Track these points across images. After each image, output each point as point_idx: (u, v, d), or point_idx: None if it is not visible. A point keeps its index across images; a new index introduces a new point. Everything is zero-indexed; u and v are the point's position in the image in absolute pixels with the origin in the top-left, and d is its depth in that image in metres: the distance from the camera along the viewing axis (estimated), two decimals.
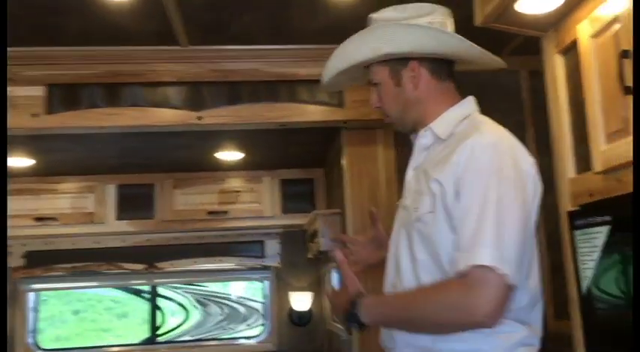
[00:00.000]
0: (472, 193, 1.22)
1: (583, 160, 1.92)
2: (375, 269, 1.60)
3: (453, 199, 1.24)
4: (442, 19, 1.45)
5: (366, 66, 1.46)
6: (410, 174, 1.45)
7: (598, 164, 1.76)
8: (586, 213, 1.83)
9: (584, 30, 1.81)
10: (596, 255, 1.78)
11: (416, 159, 1.45)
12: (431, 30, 1.39)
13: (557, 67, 2.03)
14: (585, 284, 1.84)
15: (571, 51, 1.95)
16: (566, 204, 1.99)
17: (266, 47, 2.75)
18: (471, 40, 1.41)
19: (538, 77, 3.24)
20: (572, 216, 1.91)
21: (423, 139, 1.43)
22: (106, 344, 4.83)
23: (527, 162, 1.32)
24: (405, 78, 1.42)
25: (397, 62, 1.42)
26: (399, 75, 1.43)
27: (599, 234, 1.76)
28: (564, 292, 2.94)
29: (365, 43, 1.41)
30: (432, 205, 1.28)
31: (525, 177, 1.29)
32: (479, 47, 1.43)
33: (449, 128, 1.38)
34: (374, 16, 1.46)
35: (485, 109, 3.39)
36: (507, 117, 3.18)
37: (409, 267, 1.33)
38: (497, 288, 1.15)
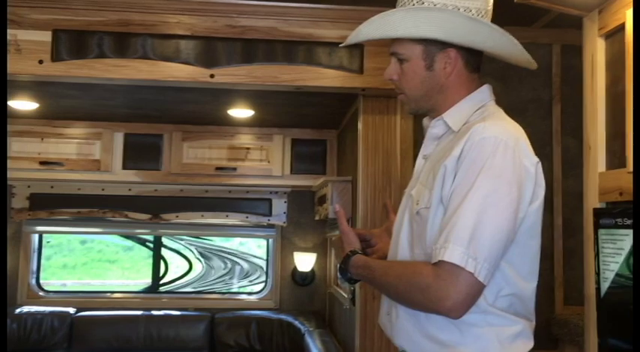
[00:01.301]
0: (462, 185, 1.21)
1: (616, 156, 1.80)
2: None
3: (449, 189, 1.24)
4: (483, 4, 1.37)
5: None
6: (420, 161, 1.44)
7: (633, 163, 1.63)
8: (614, 213, 1.73)
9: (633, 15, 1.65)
10: (620, 258, 1.69)
11: (426, 147, 1.43)
12: (484, 25, 1.33)
13: (597, 52, 1.88)
14: (605, 286, 1.75)
15: (615, 36, 1.79)
16: (593, 199, 1.87)
17: (285, 4, 2.59)
18: (500, 11, 1.36)
19: (571, 52, 3.09)
20: (599, 213, 1.80)
21: (434, 129, 1.41)
22: (108, 289, 4.86)
23: (530, 161, 1.27)
24: (439, 63, 1.36)
25: (434, 45, 1.35)
26: (433, 58, 1.36)
27: (626, 237, 1.66)
28: (574, 279, 2.88)
29: (411, 21, 1.32)
30: (428, 200, 1.28)
31: (524, 175, 1.24)
32: (521, 46, 1.40)
33: (462, 119, 1.35)
34: None
35: (512, 83, 3.23)
36: (535, 92, 3.07)
37: (407, 257, 1.35)
38: (465, 285, 1.16)
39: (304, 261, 4.28)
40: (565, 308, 2.89)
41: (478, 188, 1.19)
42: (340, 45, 1.53)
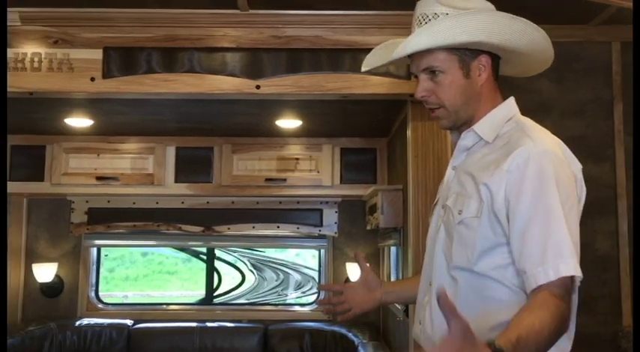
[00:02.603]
0: (534, 201, 1.24)
1: None
2: None
3: (502, 205, 1.27)
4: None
5: (409, 56, 1.40)
6: (450, 172, 1.46)
7: None
8: None
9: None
10: None
11: (456, 159, 1.45)
12: (522, 23, 1.36)
13: None
14: None
15: None
16: None
17: (329, 13, 2.57)
18: (554, 10, 1.33)
19: (632, 49, 2.94)
20: None
21: (464, 141, 1.42)
22: (164, 301, 4.93)
23: (576, 167, 1.34)
24: (474, 70, 1.39)
25: (467, 53, 1.38)
26: (469, 66, 1.38)
27: None
28: None
29: (460, 27, 1.33)
30: (477, 210, 1.30)
31: (574, 182, 1.31)
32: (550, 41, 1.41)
33: (494, 130, 1.38)
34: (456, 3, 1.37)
35: (569, 84, 3.10)
36: (594, 91, 2.93)
37: (444, 265, 1.37)
38: (575, 293, 1.25)
39: (357, 272, 4.21)
40: (634, 320, 2.73)
41: (552, 202, 1.24)
42: (389, 60, 1.46)
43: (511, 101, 1.43)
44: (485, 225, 1.29)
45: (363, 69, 1.56)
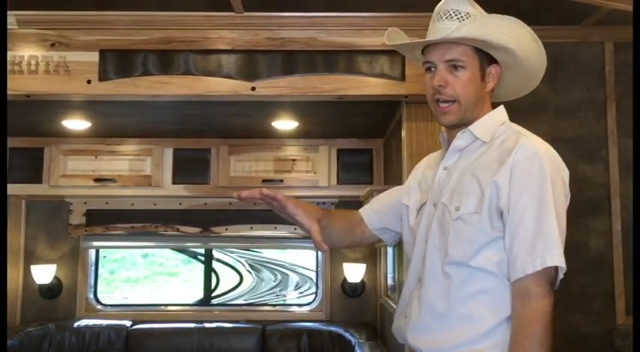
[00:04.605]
0: (531, 196, 1.32)
1: None
2: None
3: (506, 199, 1.33)
4: None
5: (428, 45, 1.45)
6: (441, 172, 1.49)
7: None
8: None
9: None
10: None
11: (448, 159, 1.49)
12: (539, 43, 1.45)
13: None
14: None
15: None
16: None
17: (324, 14, 2.60)
18: (547, 10, 1.38)
19: (624, 49, 2.96)
20: None
21: (459, 141, 1.47)
22: (163, 302, 4.94)
23: (565, 172, 1.41)
24: (487, 76, 1.45)
25: (486, 57, 1.44)
26: (485, 71, 1.45)
27: None
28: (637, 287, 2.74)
29: (500, 30, 1.40)
30: (477, 206, 1.36)
31: (563, 183, 1.39)
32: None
33: (490, 132, 1.44)
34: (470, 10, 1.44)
35: (563, 84, 3.12)
36: (588, 92, 2.95)
37: (437, 262, 1.41)
38: (557, 282, 1.33)
39: (354, 272, 4.24)
40: (628, 318, 2.74)
41: (546, 199, 1.32)
42: (439, 38, 1.42)
43: (503, 108, 1.50)
44: (485, 220, 1.35)
45: (388, 42, 1.53)
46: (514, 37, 1.41)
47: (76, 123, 3.48)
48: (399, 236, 1.66)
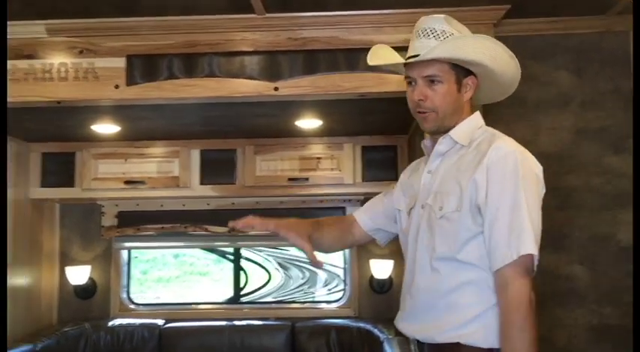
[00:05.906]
0: (505, 194, 1.46)
1: None
2: None
3: (484, 196, 1.47)
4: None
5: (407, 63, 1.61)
6: (426, 176, 1.64)
7: None
8: None
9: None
10: None
11: (432, 164, 1.64)
12: (511, 55, 1.61)
13: None
14: None
15: None
16: None
17: (344, 13, 2.62)
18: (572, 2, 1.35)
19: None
20: None
21: (441, 146, 1.62)
22: (194, 300, 5.02)
23: (539, 169, 1.54)
24: (463, 87, 1.60)
25: (462, 71, 1.58)
26: (461, 83, 1.59)
27: None
28: None
29: (472, 47, 1.55)
30: (458, 205, 1.50)
31: (537, 180, 1.52)
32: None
33: (468, 136, 1.59)
34: (444, 28, 1.59)
35: (588, 75, 3.08)
36: (613, 82, 2.91)
37: (426, 259, 1.55)
38: (534, 269, 1.47)
39: (381, 268, 4.25)
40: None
41: (520, 194, 1.46)
42: (413, 59, 1.59)
43: (479, 114, 1.66)
44: (467, 216, 1.49)
45: (369, 62, 1.71)
46: (490, 54, 1.56)
47: (106, 128, 3.57)
48: (392, 235, 1.85)
